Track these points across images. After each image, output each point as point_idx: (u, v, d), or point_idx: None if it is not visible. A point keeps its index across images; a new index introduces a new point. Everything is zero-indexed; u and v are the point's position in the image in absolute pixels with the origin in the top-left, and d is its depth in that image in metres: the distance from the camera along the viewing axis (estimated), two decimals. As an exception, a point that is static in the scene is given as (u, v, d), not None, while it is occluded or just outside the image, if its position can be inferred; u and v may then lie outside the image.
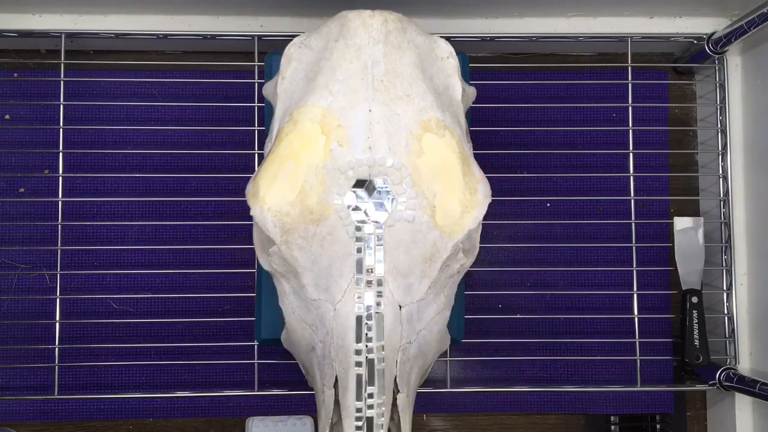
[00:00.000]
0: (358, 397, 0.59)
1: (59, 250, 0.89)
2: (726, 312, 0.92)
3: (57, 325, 0.88)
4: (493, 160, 0.96)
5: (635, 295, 0.92)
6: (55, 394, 0.87)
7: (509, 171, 0.96)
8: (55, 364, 0.87)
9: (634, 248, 0.93)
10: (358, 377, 0.59)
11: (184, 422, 0.94)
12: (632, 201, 0.93)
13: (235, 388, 0.91)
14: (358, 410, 0.59)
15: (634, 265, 0.92)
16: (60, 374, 0.88)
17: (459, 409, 0.96)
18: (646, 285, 0.95)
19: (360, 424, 0.59)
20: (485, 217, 0.63)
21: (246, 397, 0.91)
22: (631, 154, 0.93)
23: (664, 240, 0.96)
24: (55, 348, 0.87)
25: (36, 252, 0.92)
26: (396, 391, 0.61)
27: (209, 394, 0.90)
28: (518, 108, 0.97)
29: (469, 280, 0.93)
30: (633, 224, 0.93)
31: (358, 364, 0.59)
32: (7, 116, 0.94)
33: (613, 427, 0.99)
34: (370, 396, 0.59)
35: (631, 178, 0.93)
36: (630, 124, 0.93)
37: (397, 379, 0.61)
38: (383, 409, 0.59)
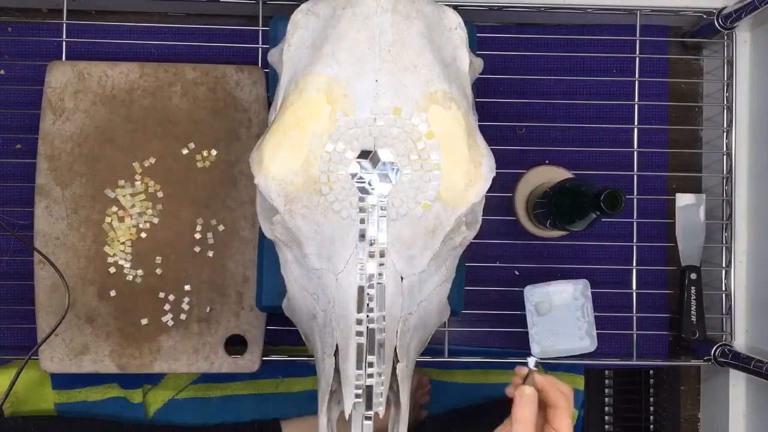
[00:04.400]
0: (358, 366, 0.59)
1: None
2: (724, 289, 0.93)
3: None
4: (496, 131, 0.95)
5: (634, 270, 0.92)
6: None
7: (513, 143, 0.96)
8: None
9: (635, 224, 0.93)
10: (359, 346, 0.59)
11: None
12: (635, 176, 0.93)
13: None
14: (358, 379, 0.59)
15: (635, 241, 0.93)
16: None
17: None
18: (644, 261, 0.95)
19: (359, 392, 0.59)
20: (488, 190, 0.63)
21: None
22: (635, 129, 0.93)
23: (661, 216, 0.96)
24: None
25: None
26: (396, 360, 0.62)
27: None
28: (523, 80, 0.96)
29: (469, 253, 0.93)
30: (635, 200, 0.93)
31: (359, 333, 0.59)
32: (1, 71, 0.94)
33: (607, 381, 1.02)
34: (370, 365, 0.59)
35: (635, 153, 0.93)
36: (636, 99, 0.93)
37: (397, 349, 0.61)
38: (383, 378, 0.60)
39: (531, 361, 0.60)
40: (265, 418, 0.91)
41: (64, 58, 0.88)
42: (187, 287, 0.84)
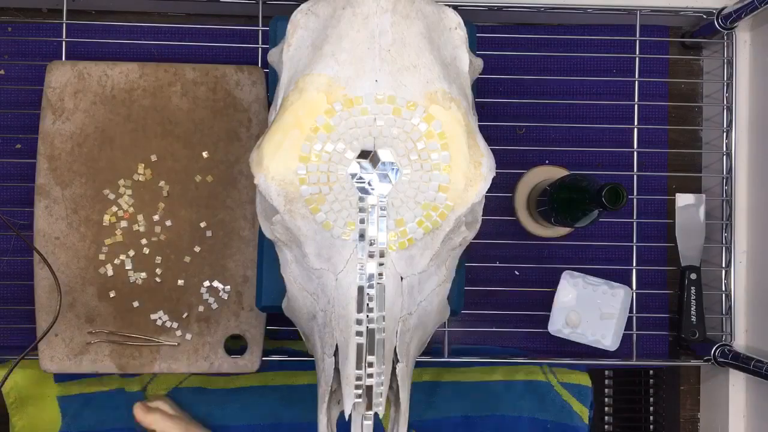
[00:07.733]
0: (358, 366, 0.59)
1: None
2: (724, 289, 0.93)
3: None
4: (496, 131, 0.95)
5: (634, 270, 0.92)
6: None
7: (513, 143, 0.96)
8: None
9: (635, 223, 0.93)
10: (359, 346, 0.59)
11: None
12: (635, 176, 0.93)
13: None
14: (358, 379, 0.59)
15: (635, 240, 0.93)
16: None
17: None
18: (644, 260, 0.95)
19: (359, 392, 0.59)
20: (488, 190, 0.63)
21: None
22: (635, 129, 0.93)
23: (661, 216, 0.96)
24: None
25: None
26: (395, 360, 0.62)
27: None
28: (523, 80, 0.96)
29: (469, 253, 0.93)
30: (635, 200, 0.93)
31: (359, 333, 0.59)
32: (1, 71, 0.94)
33: (607, 381, 1.02)
34: (370, 365, 0.59)
35: (635, 153, 0.93)
36: (636, 99, 0.93)
37: (397, 349, 0.61)
38: (382, 378, 0.60)
39: None
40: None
41: (64, 58, 0.88)
42: (186, 287, 0.84)
